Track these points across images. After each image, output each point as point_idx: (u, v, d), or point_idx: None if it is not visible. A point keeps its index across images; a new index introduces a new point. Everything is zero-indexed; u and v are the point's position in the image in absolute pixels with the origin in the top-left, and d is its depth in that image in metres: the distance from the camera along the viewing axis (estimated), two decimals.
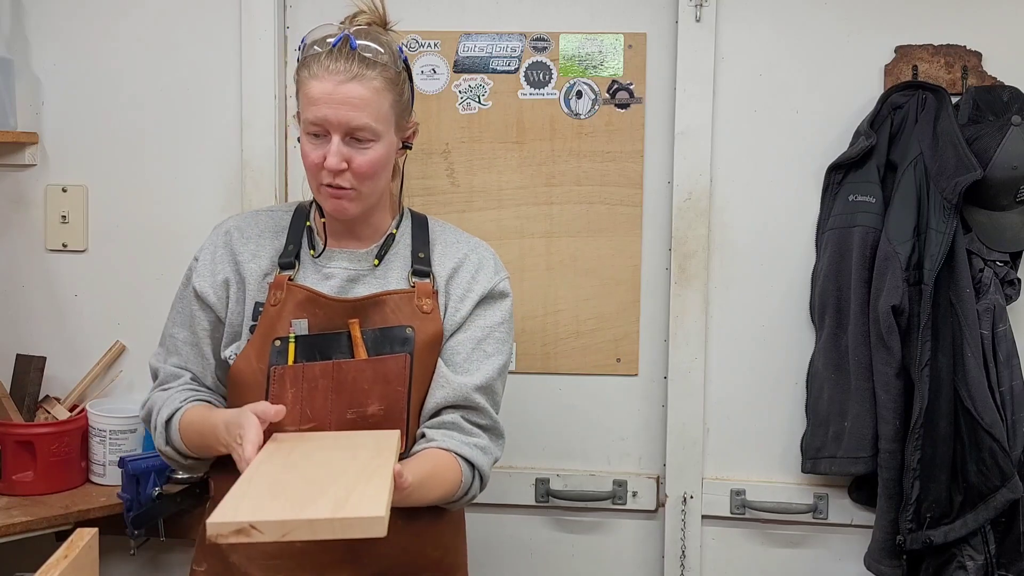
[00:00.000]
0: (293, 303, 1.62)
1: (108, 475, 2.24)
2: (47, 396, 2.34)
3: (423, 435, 1.64)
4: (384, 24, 1.65)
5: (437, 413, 1.64)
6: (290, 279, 1.64)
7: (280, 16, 2.28)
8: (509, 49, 2.25)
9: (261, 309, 1.64)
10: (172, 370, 1.71)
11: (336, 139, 1.54)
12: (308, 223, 1.71)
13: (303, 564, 1.60)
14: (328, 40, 1.56)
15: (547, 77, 2.25)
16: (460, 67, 2.26)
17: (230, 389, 1.66)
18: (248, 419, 1.45)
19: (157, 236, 2.33)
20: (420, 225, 1.73)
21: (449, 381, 1.63)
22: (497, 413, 1.68)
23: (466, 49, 2.26)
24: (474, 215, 2.26)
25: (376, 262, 1.67)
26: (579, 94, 2.25)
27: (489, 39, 2.25)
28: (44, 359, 2.33)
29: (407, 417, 1.62)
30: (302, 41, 1.61)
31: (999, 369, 2.06)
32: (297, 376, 1.59)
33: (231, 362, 1.64)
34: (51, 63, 2.34)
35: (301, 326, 1.61)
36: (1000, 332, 2.06)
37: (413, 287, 1.65)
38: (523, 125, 2.26)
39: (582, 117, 2.25)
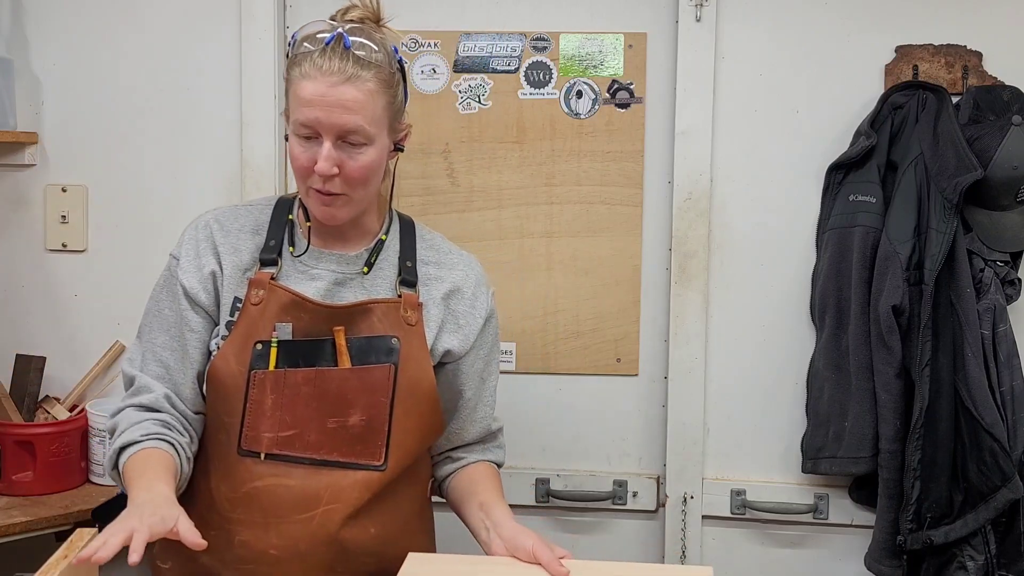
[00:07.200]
0: (277, 305, 1.56)
1: (108, 475, 2.24)
2: (47, 396, 2.34)
3: (455, 458, 1.74)
4: (377, 20, 1.57)
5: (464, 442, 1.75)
6: (272, 278, 1.57)
7: (280, 16, 2.28)
8: (509, 49, 2.25)
9: (240, 305, 1.57)
10: (147, 381, 1.58)
11: (328, 143, 1.48)
12: (290, 216, 1.64)
13: (275, 572, 1.55)
14: (320, 37, 1.49)
15: (547, 77, 2.25)
16: (460, 67, 2.26)
17: (209, 390, 1.58)
18: (174, 513, 1.38)
19: (157, 236, 2.32)
20: (408, 231, 1.68)
21: (480, 419, 1.74)
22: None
23: (466, 49, 2.26)
24: (474, 215, 2.26)
25: (366, 270, 1.62)
26: (579, 94, 2.25)
27: (489, 39, 2.25)
28: (44, 359, 2.32)
29: (388, 429, 1.58)
30: (292, 37, 1.54)
31: (999, 369, 2.05)
32: (279, 382, 1.54)
33: (214, 355, 1.58)
34: (51, 63, 2.34)
35: (285, 331, 1.55)
36: (1000, 332, 2.05)
37: (400, 297, 1.62)
38: (523, 125, 2.26)
39: (582, 117, 2.25)
